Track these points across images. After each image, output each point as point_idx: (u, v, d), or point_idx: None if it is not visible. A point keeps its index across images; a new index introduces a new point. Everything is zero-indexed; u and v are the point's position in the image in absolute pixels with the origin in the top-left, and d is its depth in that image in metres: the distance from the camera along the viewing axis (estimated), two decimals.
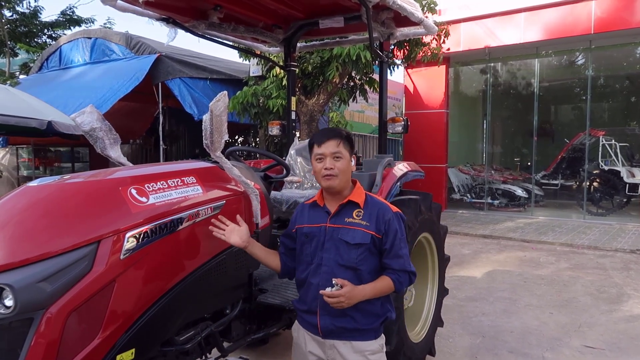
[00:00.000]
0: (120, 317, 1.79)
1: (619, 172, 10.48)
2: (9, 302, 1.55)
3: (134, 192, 1.92)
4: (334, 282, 1.88)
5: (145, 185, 1.98)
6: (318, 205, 2.10)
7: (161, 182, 2.05)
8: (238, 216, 2.18)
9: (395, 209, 2.09)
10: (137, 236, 1.82)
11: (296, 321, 2.16)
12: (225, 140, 2.22)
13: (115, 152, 2.44)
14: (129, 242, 1.80)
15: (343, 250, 1.98)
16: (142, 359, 1.95)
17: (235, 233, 2.08)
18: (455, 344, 4.01)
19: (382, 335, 2.09)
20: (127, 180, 1.97)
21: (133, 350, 1.86)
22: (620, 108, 14.32)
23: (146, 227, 1.86)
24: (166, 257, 1.97)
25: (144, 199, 1.93)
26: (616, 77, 13.29)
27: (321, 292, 1.88)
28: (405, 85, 12.57)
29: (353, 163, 2.08)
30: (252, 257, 2.42)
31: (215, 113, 2.05)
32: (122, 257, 1.77)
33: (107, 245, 1.74)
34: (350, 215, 2.02)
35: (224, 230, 2.08)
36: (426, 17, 3.63)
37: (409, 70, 12.12)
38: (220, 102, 2.05)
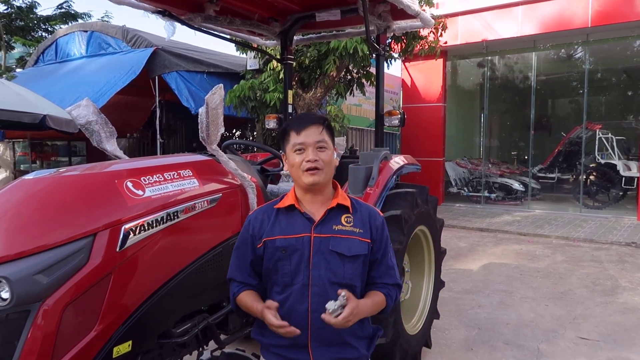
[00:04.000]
0: (117, 310, 1.80)
1: (616, 165, 10.52)
2: (5, 294, 1.56)
3: (130, 185, 1.92)
4: (340, 293, 1.58)
5: (142, 178, 1.98)
6: (294, 210, 1.71)
7: (157, 175, 2.05)
8: None
9: (381, 212, 1.82)
10: (134, 229, 1.83)
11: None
12: (223, 134, 2.22)
13: (111, 146, 2.44)
14: (125, 235, 1.80)
15: (335, 264, 1.65)
16: (139, 351, 1.96)
17: None
18: (452, 336, 4.04)
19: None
20: (123, 173, 1.98)
21: (130, 342, 1.87)
22: (617, 102, 14.34)
23: (142, 220, 1.87)
24: (162, 250, 1.97)
25: (140, 192, 1.93)
26: (613, 70, 13.29)
27: (323, 316, 1.55)
28: (402, 79, 12.55)
29: (335, 156, 1.74)
30: None
31: (211, 106, 2.05)
32: (118, 249, 1.78)
33: (103, 238, 1.75)
34: (338, 221, 1.69)
35: None
36: (423, 10, 3.63)
37: (407, 64, 12.10)
38: (216, 94, 2.06)
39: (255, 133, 10.55)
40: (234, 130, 12.93)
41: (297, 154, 1.68)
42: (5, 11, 13.49)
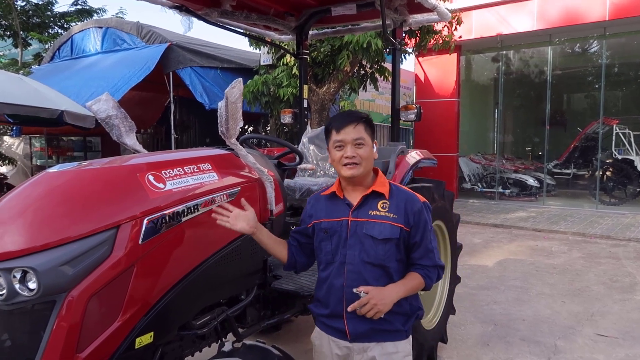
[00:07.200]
0: (140, 301, 1.82)
1: (633, 161, 10.37)
2: (32, 284, 1.58)
3: (151, 178, 1.93)
4: (354, 291, 1.75)
5: (162, 172, 2.00)
6: (337, 197, 1.92)
7: (178, 169, 2.06)
8: (243, 200, 2.03)
9: (422, 198, 1.91)
10: (155, 221, 1.84)
11: (316, 328, 1.97)
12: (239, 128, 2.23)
13: (131, 140, 2.46)
14: (148, 228, 1.82)
15: (369, 246, 1.82)
16: (160, 342, 1.99)
17: (241, 219, 1.91)
18: (467, 332, 4.02)
19: (410, 335, 1.95)
20: (144, 167, 1.99)
21: (152, 333, 1.89)
22: (634, 96, 14.10)
23: (164, 212, 1.88)
24: (183, 243, 1.99)
25: (161, 185, 1.94)
26: (631, 64, 13.08)
27: (349, 308, 1.76)
28: (416, 74, 12.48)
29: (375, 149, 1.89)
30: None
31: (231, 100, 2.05)
32: (140, 242, 1.80)
33: (126, 230, 1.77)
34: (374, 207, 1.85)
35: (228, 217, 1.91)
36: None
37: (420, 59, 12.03)
38: (236, 89, 2.06)
39: (268, 128, 10.57)
40: (247, 126, 12.98)
41: (337, 150, 1.87)
42: (23, 7, 13.65)
